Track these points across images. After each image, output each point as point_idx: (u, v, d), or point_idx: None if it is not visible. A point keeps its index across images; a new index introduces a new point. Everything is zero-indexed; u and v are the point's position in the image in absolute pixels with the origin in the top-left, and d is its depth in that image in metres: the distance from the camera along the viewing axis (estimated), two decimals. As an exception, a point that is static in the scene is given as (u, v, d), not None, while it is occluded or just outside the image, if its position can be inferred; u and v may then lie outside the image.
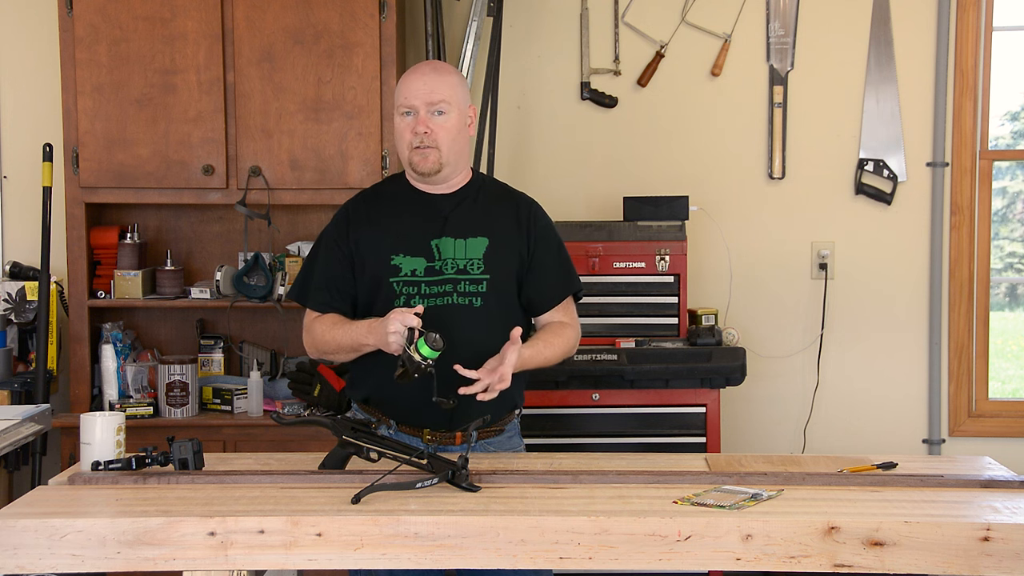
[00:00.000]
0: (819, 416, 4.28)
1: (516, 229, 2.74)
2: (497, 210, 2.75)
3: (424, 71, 2.68)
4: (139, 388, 3.91)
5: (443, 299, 2.64)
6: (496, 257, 2.69)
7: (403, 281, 2.65)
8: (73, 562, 2.12)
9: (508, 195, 2.83)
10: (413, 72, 2.69)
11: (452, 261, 2.66)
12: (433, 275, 2.65)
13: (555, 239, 2.81)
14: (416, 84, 2.65)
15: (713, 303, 4.20)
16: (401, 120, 2.67)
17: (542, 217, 2.80)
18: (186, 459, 2.47)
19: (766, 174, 4.28)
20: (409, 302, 2.63)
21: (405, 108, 2.65)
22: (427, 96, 2.63)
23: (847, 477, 2.46)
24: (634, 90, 4.27)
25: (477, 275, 2.66)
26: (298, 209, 4.12)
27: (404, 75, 2.70)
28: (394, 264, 2.66)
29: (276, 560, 2.14)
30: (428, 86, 2.64)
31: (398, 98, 2.68)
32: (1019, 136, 4.63)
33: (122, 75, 3.82)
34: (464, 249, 2.67)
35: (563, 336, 2.74)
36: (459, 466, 2.33)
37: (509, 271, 2.71)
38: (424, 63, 2.75)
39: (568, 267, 2.82)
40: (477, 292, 2.66)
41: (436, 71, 2.69)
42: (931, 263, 4.26)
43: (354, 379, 2.82)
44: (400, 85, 2.69)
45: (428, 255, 2.66)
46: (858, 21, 4.25)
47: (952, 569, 2.12)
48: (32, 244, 4.14)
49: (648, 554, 2.14)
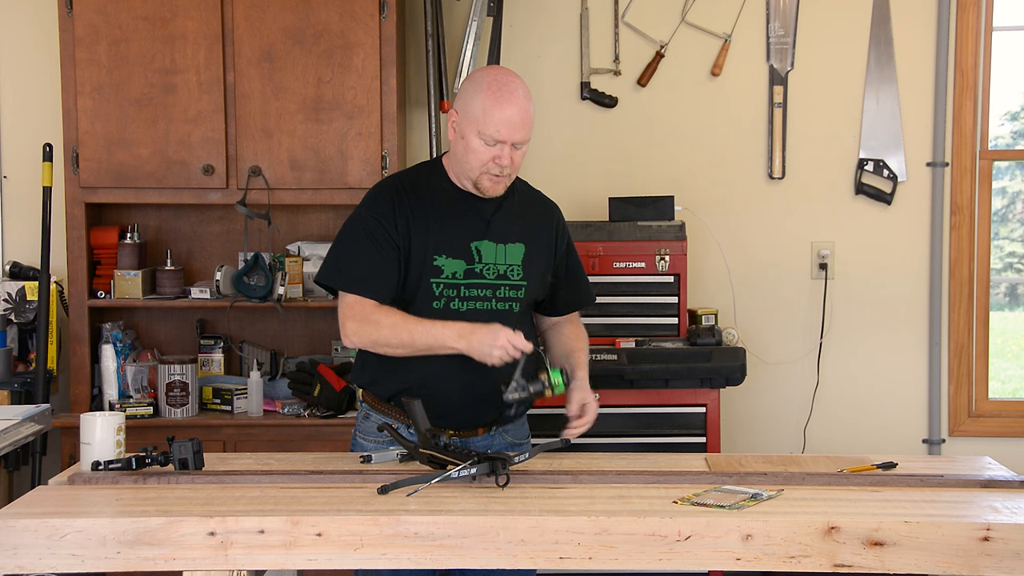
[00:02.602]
0: (819, 416, 4.28)
1: (548, 236, 2.77)
2: (531, 215, 2.77)
3: (516, 103, 2.56)
4: (139, 388, 3.91)
5: (483, 303, 2.64)
6: (532, 264, 2.71)
7: (443, 283, 2.63)
8: (73, 562, 2.12)
9: (539, 200, 2.83)
10: (504, 102, 2.55)
11: (493, 266, 2.66)
12: (472, 278, 2.64)
13: (574, 249, 2.88)
14: (508, 119, 2.55)
15: (713, 303, 4.20)
16: (480, 145, 2.57)
17: (566, 225, 2.86)
18: (186, 459, 2.47)
19: (766, 174, 4.28)
20: (448, 304, 2.62)
21: (491, 139, 2.56)
22: (516, 134, 2.57)
23: (847, 477, 2.46)
24: (634, 90, 4.28)
25: (517, 281, 2.67)
26: (298, 209, 4.12)
27: (489, 99, 2.56)
28: (436, 265, 2.62)
29: (276, 560, 2.14)
30: (520, 122, 2.56)
31: (483, 124, 2.55)
32: (1019, 136, 4.63)
33: (122, 75, 3.82)
34: (504, 255, 2.67)
35: (585, 339, 2.87)
36: (509, 460, 2.36)
37: (542, 278, 2.75)
38: (510, 88, 2.58)
39: (584, 278, 2.93)
40: (516, 298, 2.68)
41: (526, 103, 2.58)
42: (931, 263, 4.26)
43: (375, 378, 2.73)
44: (485, 111, 2.55)
45: (468, 257, 2.64)
46: (858, 21, 4.25)
47: (952, 569, 2.12)
48: (32, 244, 4.14)
49: (648, 554, 2.14)
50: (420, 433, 2.47)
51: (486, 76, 2.61)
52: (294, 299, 3.95)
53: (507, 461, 2.36)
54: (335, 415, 3.84)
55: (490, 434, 2.74)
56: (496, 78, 2.59)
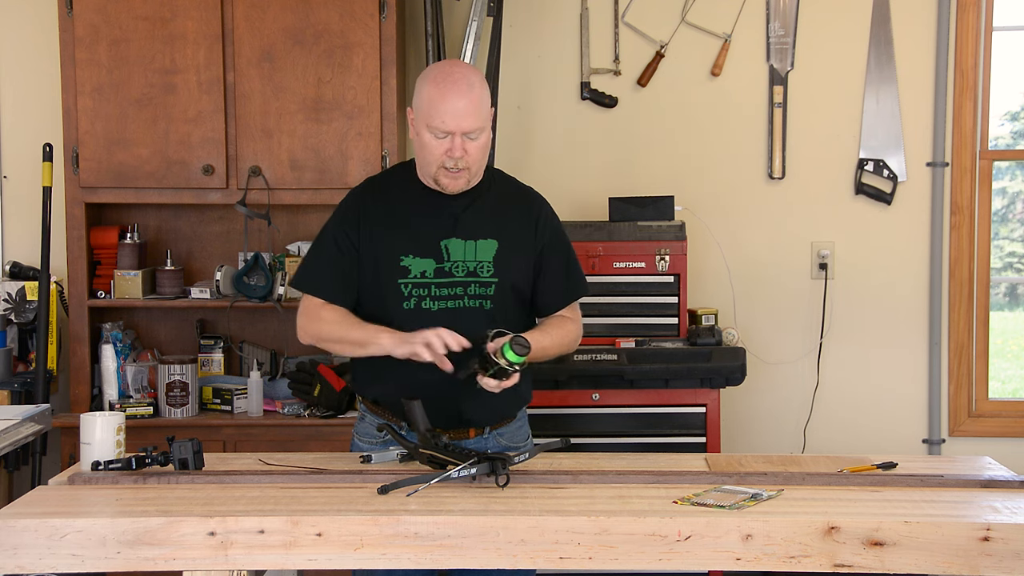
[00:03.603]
0: (819, 416, 4.27)
1: (526, 230, 2.71)
2: (508, 210, 2.72)
3: (460, 91, 2.53)
4: (139, 388, 3.91)
5: (454, 302, 2.63)
6: (506, 260, 2.67)
7: (412, 283, 2.63)
8: (73, 562, 2.12)
9: (520, 194, 2.78)
10: (447, 91, 2.53)
11: (462, 263, 2.64)
12: (443, 276, 2.63)
13: (563, 241, 2.78)
14: (452, 109, 2.52)
15: (713, 303, 4.20)
16: (431, 139, 2.56)
17: (552, 218, 2.77)
18: (186, 459, 2.47)
19: (766, 174, 4.28)
20: (420, 304, 2.62)
21: (439, 132, 2.54)
22: (463, 123, 2.54)
23: (847, 477, 2.46)
24: (634, 90, 4.27)
25: (487, 278, 2.64)
26: (298, 209, 4.12)
27: (434, 90, 2.54)
28: (404, 265, 2.63)
29: (276, 560, 2.14)
30: (465, 111, 2.53)
31: (430, 117, 2.54)
32: (1019, 136, 4.63)
33: (122, 75, 3.82)
34: (474, 251, 2.65)
35: (563, 328, 2.74)
36: (509, 460, 2.36)
37: (519, 274, 2.70)
38: (454, 78, 2.56)
39: (574, 270, 2.80)
40: (486, 295, 2.65)
41: (471, 92, 2.54)
42: (931, 263, 4.26)
43: (364, 380, 2.77)
44: (431, 102, 2.54)
45: (437, 256, 2.63)
46: (858, 21, 4.25)
47: (952, 569, 2.12)
48: (32, 244, 4.14)
49: (648, 554, 2.14)
50: (420, 433, 2.47)
51: (433, 69, 2.62)
52: (294, 299, 3.95)
53: (507, 461, 2.35)
54: (335, 415, 3.84)
55: (483, 436, 2.71)
56: (442, 70, 2.59)
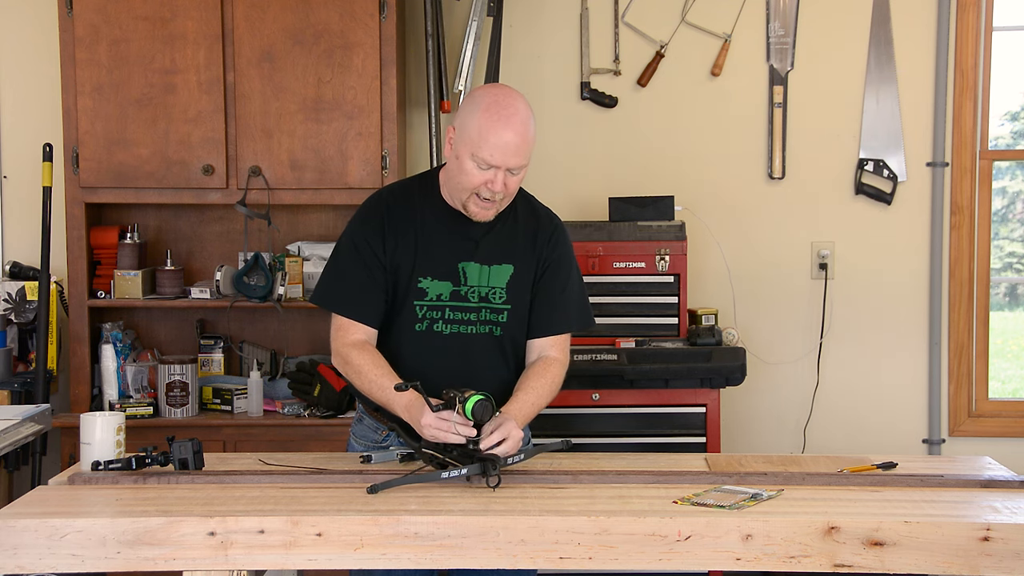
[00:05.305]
0: (819, 416, 4.27)
1: (531, 253, 2.65)
2: (521, 234, 2.66)
3: (513, 127, 2.45)
4: (139, 388, 3.91)
5: (465, 327, 2.60)
6: (518, 285, 2.63)
7: (427, 305, 2.59)
8: (73, 562, 2.12)
9: (532, 216, 2.69)
10: (499, 125, 2.45)
11: (476, 289, 2.60)
12: (458, 300, 2.60)
13: (568, 267, 2.69)
14: (502, 144, 2.45)
15: (713, 303, 4.20)
16: (473, 167, 2.48)
17: (561, 243, 2.68)
18: (186, 459, 2.47)
19: (766, 174, 4.28)
20: (432, 327, 2.59)
21: (483, 163, 2.47)
22: (511, 160, 2.47)
23: (847, 477, 2.46)
24: (634, 90, 4.27)
25: (499, 305, 2.61)
26: (298, 209, 4.12)
27: (485, 120, 2.45)
28: (421, 287, 2.59)
29: (276, 560, 2.14)
30: (515, 148, 2.46)
31: (478, 147, 2.45)
32: (1019, 136, 4.63)
33: (122, 75, 3.82)
34: (488, 276, 2.61)
35: (546, 377, 2.63)
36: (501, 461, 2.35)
37: (527, 299, 2.65)
38: (509, 111, 2.46)
39: (573, 299, 2.70)
40: (497, 322, 2.62)
41: (524, 128, 2.47)
42: (931, 263, 4.26)
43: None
44: (480, 132, 2.45)
45: (455, 279, 2.60)
46: (858, 21, 4.25)
47: (952, 569, 2.12)
48: (32, 244, 4.14)
49: (648, 554, 2.14)
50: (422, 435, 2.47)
51: (486, 96, 2.50)
52: (294, 299, 3.95)
53: (496, 461, 2.34)
54: (335, 415, 3.84)
55: None
56: (496, 99, 2.48)
